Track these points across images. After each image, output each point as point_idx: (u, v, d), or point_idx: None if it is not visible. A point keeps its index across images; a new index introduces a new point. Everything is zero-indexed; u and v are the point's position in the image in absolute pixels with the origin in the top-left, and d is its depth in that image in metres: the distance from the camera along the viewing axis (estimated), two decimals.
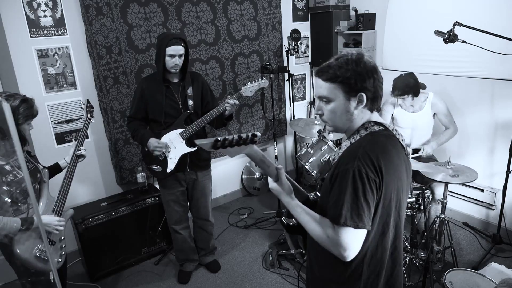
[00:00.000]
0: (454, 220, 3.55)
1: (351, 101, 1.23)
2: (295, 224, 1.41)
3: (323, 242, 1.21)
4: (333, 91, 1.23)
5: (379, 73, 1.24)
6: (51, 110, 2.98)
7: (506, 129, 3.07)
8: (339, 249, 1.17)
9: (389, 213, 1.24)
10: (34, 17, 2.78)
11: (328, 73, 1.23)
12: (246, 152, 1.15)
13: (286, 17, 4.15)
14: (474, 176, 2.54)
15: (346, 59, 1.21)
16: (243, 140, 1.07)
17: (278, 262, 3.09)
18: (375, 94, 1.23)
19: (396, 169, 1.23)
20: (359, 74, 1.19)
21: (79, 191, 3.24)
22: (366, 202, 1.15)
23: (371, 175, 1.15)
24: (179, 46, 2.44)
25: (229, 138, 1.05)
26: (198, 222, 3.00)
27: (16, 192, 1.97)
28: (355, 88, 1.21)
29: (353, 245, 1.18)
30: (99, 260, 3.03)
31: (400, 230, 1.33)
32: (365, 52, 1.27)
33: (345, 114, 1.25)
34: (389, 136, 1.27)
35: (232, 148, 1.07)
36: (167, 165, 2.65)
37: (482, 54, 2.72)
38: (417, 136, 3.06)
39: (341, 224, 1.15)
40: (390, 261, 1.32)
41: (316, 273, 1.41)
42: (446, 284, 2.21)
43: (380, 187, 1.18)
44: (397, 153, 1.25)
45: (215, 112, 2.55)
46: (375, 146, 1.20)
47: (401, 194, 1.28)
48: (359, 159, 1.16)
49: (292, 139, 4.59)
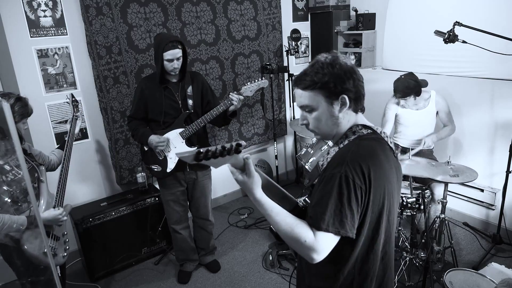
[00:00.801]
0: (454, 220, 3.55)
1: (334, 105, 1.20)
2: None
3: (296, 244, 1.14)
4: (314, 98, 1.20)
5: (357, 72, 1.21)
6: (51, 110, 2.98)
7: (506, 129, 3.07)
8: (312, 253, 1.12)
9: (378, 219, 1.21)
10: (34, 17, 2.78)
11: (305, 81, 1.19)
12: (231, 162, 1.09)
13: (286, 17, 4.15)
14: (474, 176, 2.54)
15: (321, 63, 1.18)
16: (227, 151, 1.01)
17: (278, 262, 3.09)
18: (357, 94, 1.20)
19: (386, 173, 1.21)
20: (337, 76, 1.16)
21: (79, 191, 3.24)
22: (350, 209, 1.12)
23: (358, 181, 1.12)
24: (176, 50, 2.43)
25: (212, 149, 0.99)
26: (198, 222, 3.00)
27: (16, 191, 1.97)
28: (336, 91, 1.17)
29: (327, 250, 1.14)
30: (99, 260, 3.03)
31: (390, 235, 1.30)
32: (339, 54, 1.23)
33: (330, 119, 1.22)
34: (378, 140, 1.24)
35: (215, 159, 1.01)
36: (167, 165, 2.65)
37: (482, 54, 2.72)
38: (421, 134, 3.06)
39: (323, 229, 1.11)
40: (381, 266, 1.29)
41: (306, 282, 1.37)
42: (446, 284, 2.21)
43: (367, 193, 1.15)
44: (386, 156, 1.23)
45: (215, 111, 2.55)
46: (364, 150, 1.18)
47: (391, 198, 1.25)
48: (347, 164, 1.13)
49: (292, 139, 4.59)
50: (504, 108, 3.08)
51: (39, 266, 2.00)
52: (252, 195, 1.18)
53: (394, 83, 2.92)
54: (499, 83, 3.06)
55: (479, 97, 3.22)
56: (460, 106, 3.32)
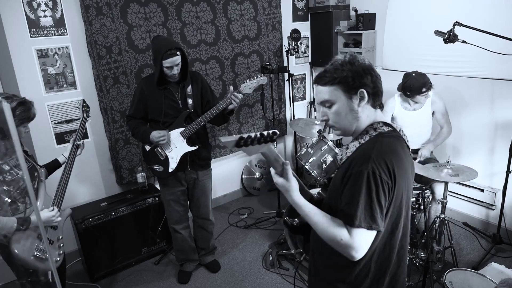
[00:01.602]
0: (454, 220, 3.55)
1: (353, 99, 1.24)
2: (299, 224, 1.40)
3: (333, 243, 1.21)
4: (333, 93, 1.25)
5: (375, 70, 1.26)
6: (51, 110, 2.98)
7: (506, 129, 3.07)
8: (350, 250, 1.17)
9: (399, 213, 1.26)
10: (34, 17, 2.78)
11: (325, 77, 1.25)
12: (263, 150, 1.15)
13: (286, 17, 4.15)
14: (474, 175, 2.54)
15: (341, 61, 1.25)
16: (264, 138, 1.08)
17: (278, 262, 3.09)
18: (375, 90, 1.25)
19: (405, 170, 1.25)
20: (355, 72, 1.22)
21: (79, 191, 3.25)
22: (379, 204, 1.16)
23: (385, 177, 1.16)
24: (175, 57, 2.42)
25: (252, 136, 1.05)
26: (198, 221, 3.00)
27: (15, 191, 1.97)
28: (354, 85, 1.22)
29: (364, 246, 1.19)
30: (99, 260, 3.03)
31: (407, 229, 1.34)
32: (357, 54, 1.29)
33: (350, 114, 1.26)
34: (397, 137, 1.28)
35: (253, 146, 1.08)
36: (168, 164, 2.65)
37: (482, 54, 2.71)
38: (417, 135, 3.06)
39: (356, 226, 1.16)
40: (396, 259, 1.33)
41: (321, 274, 1.40)
42: (446, 284, 2.21)
43: (392, 188, 1.19)
44: (405, 154, 1.27)
45: (215, 110, 2.55)
46: (388, 148, 1.22)
47: (409, 193, 1.31)
48: (374, 161, 1.17)
49: (292, 139, 4.59)
50: (504, 108, 3.08)
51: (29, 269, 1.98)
52: (291, 198, 1.26)
53: (408, 81, 2.85)
54: (499, 83, 3.06)
55: (479, 97, 3.22)
56: (460, 106, 3.32)
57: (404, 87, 2.90)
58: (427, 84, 2.82)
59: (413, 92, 2.85)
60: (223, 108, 2.55)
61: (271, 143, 1.12)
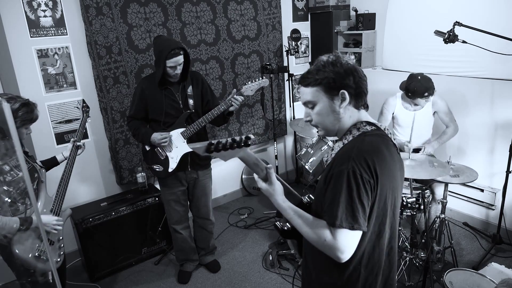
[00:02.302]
0: (454, 220, 3.55)
1: (334, 100, 1.24)
2: (290, 228, 1.39)
3: (319, 244, 1.21)
4: (315, 94, 1.25)
5: (359, 70, 1.26)
6: (51, 110, 2.98)
7: (506, 129, 3.07)
8: (335, 252, 1.17)
9: (384, 214, 1.24)
10: (34, 17, 2.78)
11: (308, 78, 1.26)
12: (240, 155, 1.13)
13: (286, 17, 4.15)
14: (474, 176, 2.54)
15: (323, 62, 1.25)
16: (237, 143, 1.06)
17: (278, 262, 3.09)
18: (357, 91, 1.24)
19: (390, 169, 1.24)
20: (337, 73, 1.22)
21: (79, 191, 3.25)
22: (361, 203, 1.15)
23: (366, 176, 1.15)
24: (178, 57, 2.43)
25: (223, 141, 1.03)
26: (198, 221, 3.01)
27: (15, 192, 1.97)
28: (335, 86, 1.22)
29: (349, 247, 1.18)
30: (99, 260, 3.03)
31: (395, 230, 1.33)
32: (341, 54, 1.28)
33: (331, 114, 1.26)
34: (381, 136, 1.27)
35: (225, 152, 1.06)
36: (168, 164, 2.66)
37: (482, 54, 2.72)
38: (417, 135, 3.05)
39: (337, 226, 1.15)
40: (387, 261, 1.32)
41: (312, 277, 1.39)
42: (446, 284, 2.21)
43: (375, 188, 1.18)
44: (390, 153, 1.26)
45: (216, 111, 2.55)
46: (369, 146, 1.21)
47: (396, 193, 1.29)
48: (353, 160, 1.16)
49: (292, 139, 4.59)
50: (504, 108, 3.08)
51: (29, 269, 1.98)
52: (275, 202, 1.28)
53: (412, 83, 2.82)
54: (499, 83, 3.06)
55: (479, 97, 3.22)
56: (460, 106, 3.32)
57: (407, 88, 2.89)
58: (431, 89, 2.80)
59: (415, 95, 2.84)
60: (224, 110, 2.55)
61: (246, 148, 1.10)
